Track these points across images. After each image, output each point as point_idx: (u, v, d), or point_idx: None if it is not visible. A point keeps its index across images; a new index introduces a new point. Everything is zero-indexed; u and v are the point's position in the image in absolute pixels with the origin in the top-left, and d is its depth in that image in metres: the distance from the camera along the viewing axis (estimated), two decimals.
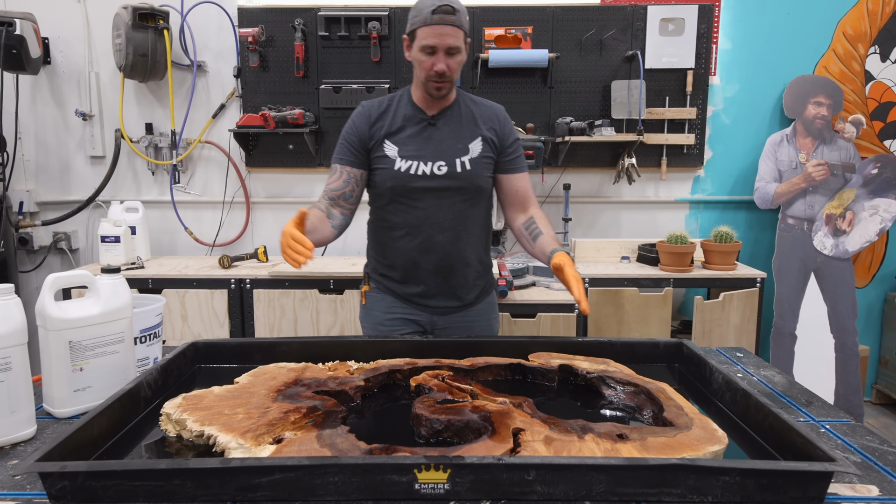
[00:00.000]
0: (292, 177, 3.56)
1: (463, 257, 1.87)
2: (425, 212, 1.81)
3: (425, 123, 1.82)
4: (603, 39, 3.31)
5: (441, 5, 1.66)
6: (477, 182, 1.82)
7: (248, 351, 1.58)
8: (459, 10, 1.70)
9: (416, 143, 1.80)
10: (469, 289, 1.91)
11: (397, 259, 1.88)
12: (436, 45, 1.69)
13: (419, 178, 1.79)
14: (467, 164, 1.80)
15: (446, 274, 1.87)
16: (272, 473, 0.95)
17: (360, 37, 3.32)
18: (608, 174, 3.50)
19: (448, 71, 1.71)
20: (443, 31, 1.68)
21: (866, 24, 3.38)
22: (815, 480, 0.96)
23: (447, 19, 1.67)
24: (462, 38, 1.72)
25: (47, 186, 3.59)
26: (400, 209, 1.83)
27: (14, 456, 1.13)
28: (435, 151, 1.80)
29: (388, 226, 1.87)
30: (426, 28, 1.69)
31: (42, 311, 1.26)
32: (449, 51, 1.70)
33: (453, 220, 1.82)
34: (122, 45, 3.16)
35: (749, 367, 1.65)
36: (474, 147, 1.82)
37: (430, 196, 1.80)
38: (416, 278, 1.88)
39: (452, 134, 1.82)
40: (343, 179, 1.83)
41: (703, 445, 1.06)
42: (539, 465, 0.96)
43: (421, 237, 1.83)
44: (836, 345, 3.27)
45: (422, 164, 1.79)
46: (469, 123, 1.84)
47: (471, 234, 1.87)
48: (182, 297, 3.00)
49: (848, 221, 3.28)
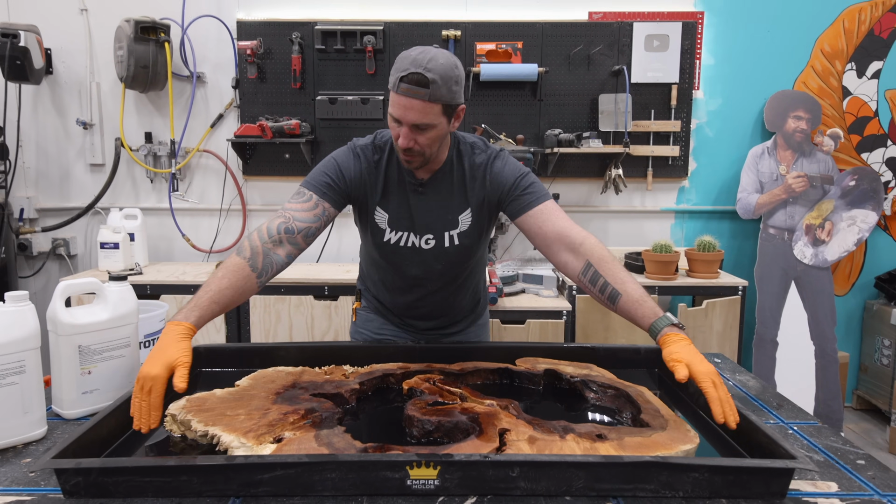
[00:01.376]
0: (288, 185, 3.63)
1: (454, 306, 1.84)
2: (415, 280, 1.73)
3: (413, 190, 1.62)
4: (590, 54, 3.41)
5: (412, 73, 1.39)
6: (465, 254, 1.69)
7: (247, 355, 1.65)
8: (437, 80, 1.40)
9: (405, 213, 1.63)
10: (462, 318, 1.90)
11: (388, 301, 1.84)
12: (399, 119, 1.46)
13: (408, 251, 1.66)
14: (455, 239, 1.65)
15: (438, 316, 1.84)
16: (273, 470, 1.02)
17: (356, 50, 3.40)
18: (596, 184, 3.59)
19: (416, 146, 1.48)
20: (409, 103, 1.42)
21: (843, 41, 3.50)
22: (778, 476, 1.04)
23: (413, 91, 1.40)
24: (435, 112, 1.44)
25: (47, 193, 3.64)
26: (391, 269, 1.74)
27: (27, 454, 1.20)
28: (423, 224, 1.63)
29: (379, 275, 1.81)
30: (392, 94, 1.45)
31: (53, 316, 1.32)
32: (417, 126, 1.45)
33: (442, 285, 1.75)
34: (124, 56, 3.23)
35: (725, 371, 1.73)
36: (464, 218, 1.64)
37: (419, 267, 1.69)
38: (407, 317, 1.85)
39: (441, 204, 1.63)
40: (315, 213, 1.56)
41: (676, 444, 1.14)
42: (522, 462, 1.03)
43: (412, 295, 1.77)
44: (816, 351, 3.36)
45: (411, 236, 1.64)
46: (459, 190, 1.63)
47: (462, 287, 1.80)
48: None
49: (827, 231, 3.38)
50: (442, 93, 1.42)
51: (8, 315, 1.20)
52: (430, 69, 1.40)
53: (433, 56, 1.41)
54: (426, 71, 1.39)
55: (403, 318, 1.85)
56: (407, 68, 1.40)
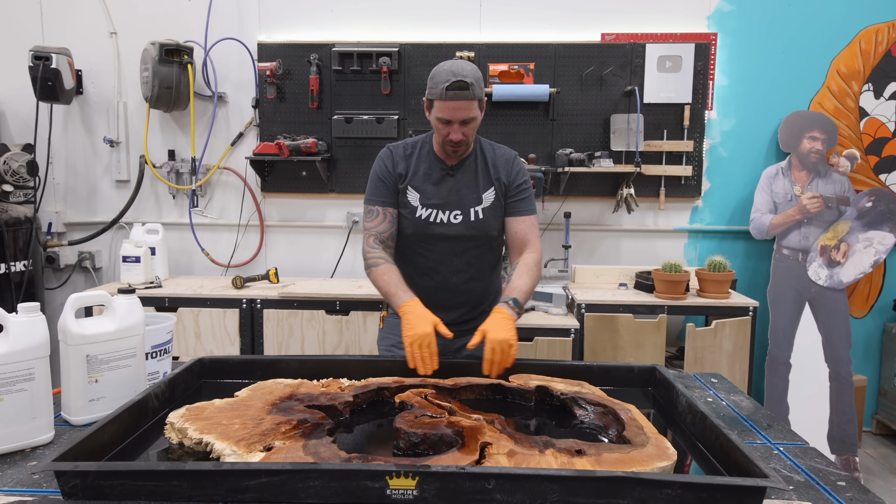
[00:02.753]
0: (305, 202, 3.72)
1: (477, 294, 2.04)
2: (441, 256, 1.97)
3: (444, 173, 1.94)
4: (603, 75, 3.45)
5: (455, 81, 1.76)
6: (488, 231, 1.96)
7: (250, 367, 1.71)
8: (473, 82, 1.78)
9: (437, 192, 1.93)
10: (481, 312, 2.01)
11: (415, 294, 1.94)
12: (450, 119, 1.81)
13: (437, 226, 1.94)
14: (480, 214, 1.94)
15: (460, 305, 2.02)
16: (259, 477, 1.07)
17: (372, 71, 3.49)
18: (608, 203, 3.61)
19: (463, 138, 1.84)
20: (456, 105, 1.79)
21: (860, 62, 3.48)
22: (750, 495, 1.05)
23: (461, 95, 1.77)
24: (476, 107, 1.83)
25: (75, 208, 3.78)
26: (418, 251, 1.98)
27: (33, 458, 1.26)
28: (452, 201, 1.93)
29: (406, 265, 1.99)
30: (440, 102, 1.80)
31: (63, 327, 1.40)
32: (463, 122, 1.82)
33: (466, 263, 1.98)
34: (149, 77, 3.36)
35: (721, 392, 1.74)
36: (487, 196, 1.95)
37: (446, 242, 1.95)
38: (431, 309, 1.92)
39: (469, 185, 1.94)
40: (388, 221, 1.95)
41: (653, 461, 1.16)
42: (498, 474, 1.06)
43: (437, 278, 1.99)
44: (830, 374, 3.31)
45: (440, 213, 1.93)
46: (483, 173, 1.96)
47: (483, 273, 2.03)
48: (196, 315, 3.15)
49: (842, 253, 3.35)
50: (477, 92, 1.81)
51: (19, 325, 1.28)
52: (467, 76, 1.77)
53: (462, 65, 1.80)
54: (465, 77, 1.77)
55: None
56: (448, 79, 1.76)
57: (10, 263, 3.20)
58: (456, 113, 1.80)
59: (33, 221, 3.33)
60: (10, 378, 1.26)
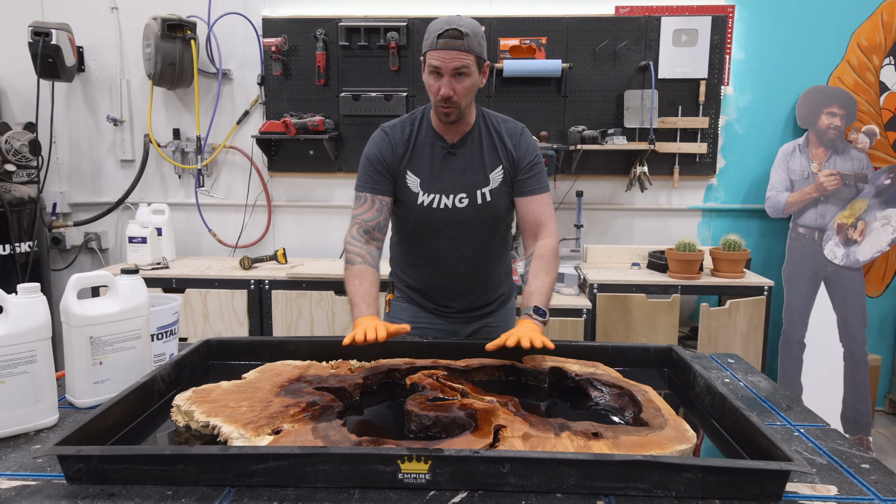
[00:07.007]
0: (312, 181, 3.67)
1: (485, 279, 1.92)
2: (448, 244, 1.83)
3: (445, 152, 1.79)
4: (616, 50, 3.37)
5: (448, 29, 1.64)
6: (497, 213, 1.82)
7: (257, 349, 1.68)
8: (469, 33, 1.65)
9: (438, 175, 1.78)
10: (492, 297, 1.97)
11: (421, 281, 1.92)
12: (440, 67, 1.66)
13: (441, 212, 1.79)
14: (488, 196, 1.79)
15: (469, 293, 1.92)
16: (267, 461, 1.04)
17: (380, 46, 3.42)
18: (621, 181, 3.54)
19: (454, 95, 1.67)
20: (448, 54, 1.64)
21: (881, 35, 3.38)
22: (773, 479, 1.02)
23: (453, 44, 1.63)
24: (472, 62, 1.67)
25: (79, 188, 3.75)
26: (422, 241, 1.85)
27: (37, 441, 1.24)
28: (456, 183, 1.78)
29: (411, 253, 1.91)
30: (432, 51, 1.67)
31: (66, 308, 1.36)
32: (455, 73, 1.66)
33: (475, 249, 1.84)
34: (152, 54, 3.30)
35: (738, 372, 1.70)
36: (495, 176, 1.79)
37: (452, 229, 1.81)
38: (439, 296, 1.92)
39: (473, 163, 1.79)
40: (376, 209, 1.79)
41: (672, 444, 1.13)
42: (513, 458, 1.03)
43: (444, 267, 1.86)
44: (844, 353, 3.26)
45: (444, 198, 1.78)
46: (489, 150, 1.80)
47: (492, 256, 1.90)
48: (204, 296, 3.13)
49: (859, 231, 3.28)
50: (473, 45, 1.66)
51: (20, 306, 1.25)
52: (462, 25, 1.65)
53: (461, 17, 1.68)
54: (459, 26, 1.64)
55: (436, 300, 1.91)
56: (442, 27, 1.65)
57: (14, 244, 3.17)
58: (446, 62, 1.64)
59: (37, 202, 3.30)
60: (12, 360, 1.23)
